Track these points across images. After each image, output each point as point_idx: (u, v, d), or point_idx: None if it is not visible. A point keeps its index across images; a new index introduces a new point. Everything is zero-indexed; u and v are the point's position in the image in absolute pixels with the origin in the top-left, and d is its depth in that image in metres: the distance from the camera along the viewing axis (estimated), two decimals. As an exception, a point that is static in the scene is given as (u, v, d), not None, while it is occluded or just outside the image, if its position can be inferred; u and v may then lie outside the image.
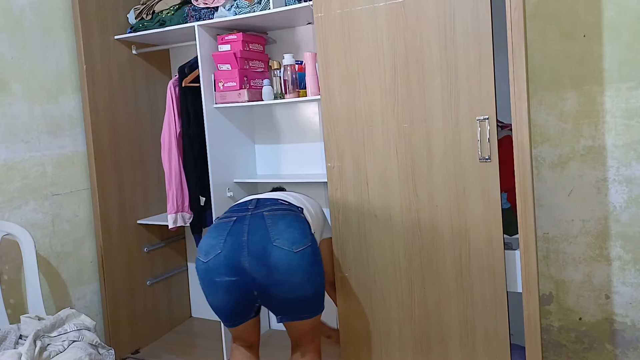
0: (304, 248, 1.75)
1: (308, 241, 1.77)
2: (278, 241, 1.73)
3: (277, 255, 1.72)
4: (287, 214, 1.83)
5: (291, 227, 1.77)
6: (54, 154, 2.52)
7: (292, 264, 1.73)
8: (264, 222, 1.77)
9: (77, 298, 2.62)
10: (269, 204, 1.88)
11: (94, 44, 2.63)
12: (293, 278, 1.74)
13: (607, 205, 2.22)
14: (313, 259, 1.78)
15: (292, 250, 1.73)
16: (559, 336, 2.36)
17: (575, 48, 2.20)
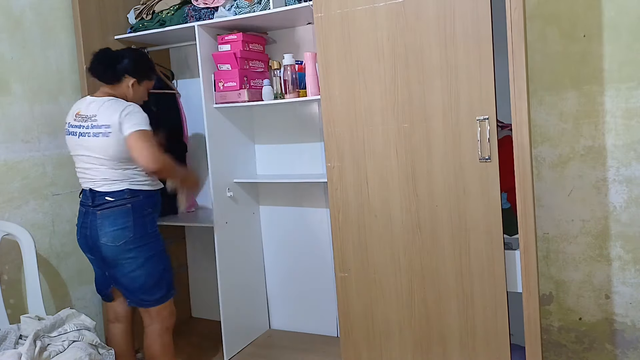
0: (125, 240, 2.07)
1: (130, 232, 2.07)
2: (104, 239, 2.07)
3: (105, 250, 2.08)
4: (112, 211, 2.08)
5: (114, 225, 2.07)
6: (54, 154, 2.52)
7: (118, 255, 2.07)
8: (96, 221, 2.09)
9: (77, 298, 2.62)
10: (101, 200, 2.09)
11: (94, 44, 2.63)
12: (123, 266, 2.09)
13: (607, 205, 2.22)
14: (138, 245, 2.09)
15: (115, 244, 2.06)
16: (559, 336, 2.36)
17: (575, 48, 2.21)
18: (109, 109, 2.05)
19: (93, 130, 2.05)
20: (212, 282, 2.94)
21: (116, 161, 2.06)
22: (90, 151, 2.07)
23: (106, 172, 2.09)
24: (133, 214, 2.08)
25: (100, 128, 2.04)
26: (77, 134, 2.09)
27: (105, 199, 2.08)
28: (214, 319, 3.08)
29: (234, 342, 2.70)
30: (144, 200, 2.13)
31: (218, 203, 2.61)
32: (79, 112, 2.12)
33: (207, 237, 3.08)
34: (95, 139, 2.05)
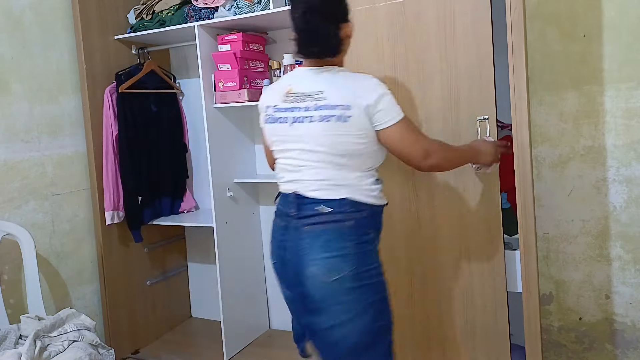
0: (341, 275, 1.45)
1: (348, 266, 1.45)
2: (312, 269, 1.46)
3: (311, 285, 1.46)
4: (325, 229, 1.48)
5: (327, 251, 1.46)
6: (54, 154, 2.52)
7: (327, 295, 1.45)
8: (300, 241, 1.50)
9: (77, 298, 2.62)
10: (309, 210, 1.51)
11: (94, 44, 2.63)
12: (331, 311, 1.46)
13: (607, 205, 2.22)
14: (357, 287, 1.46)
15: (326, 280, 1.45)
16: (559, 336, 2.36)
17: (575, 48, 2.20)
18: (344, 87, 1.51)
19: (320, 112, 1.49)
20: (212, 282, 2.94)
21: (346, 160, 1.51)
22: (309, 144, 1.52)
23: (325, 171, 1.51)
24: (356, 237, 1.49)
25: (335, 109, 1.48)
26: (289, 121, 1.55)
27: (315, 210, 1.50)
28: (214, 319, 3.07)
29: (234, 342, 2.70)
30: (367, 218, 1.53)
31: (218, 203, 2.61)
32: (289, 90, 1.58)
33: (207, 237, 3.08)
34: (325, 125, 1.49)
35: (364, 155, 1.52)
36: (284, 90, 1.60)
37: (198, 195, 3.10)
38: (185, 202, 3.01)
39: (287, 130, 1.55)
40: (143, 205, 2.78)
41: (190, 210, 3.02)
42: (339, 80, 1.53)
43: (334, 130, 1.47)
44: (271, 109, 1.62)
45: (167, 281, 3.08)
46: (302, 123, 1.52)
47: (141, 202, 2.76)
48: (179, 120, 3.01)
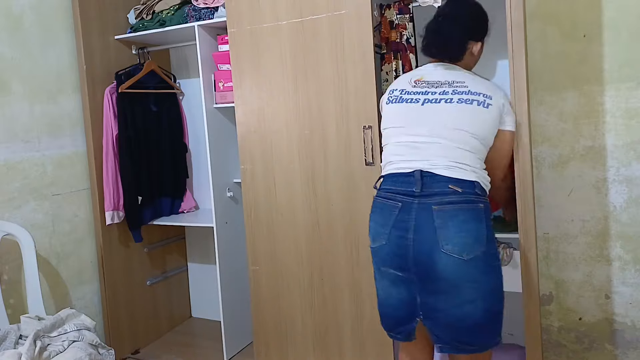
0: (475, 255, 1.47)
1: (481, 246, 1.48)
2: (447, 247, 1.46)
3: (445, 264, 1.46)
4: (460, 209, 1.49)
5: (463, 231, 1.47)
6: (54, 154, 2.52)
7: (461, 273, 1.47)
8: (432, 220, 1.48)
9: (77, 298, 2.62)
10: (438, 188, 1.50)
11: (94, 44, 2.63)
12: (462, 289, 1.48)
13: (607, 205, 2.22)
14: (488, 266, 1.50)
15: (462, 258, 1.46)
16: (559, 336, 2.36)
17: (575, 48, 2.20)
18: (483, 82, 1.61)
19: (459, 96, 1.55)
20: (212, 282, 2.94)
21: (478, 144, 1.55)
22: (443, 121, 1.54)
23: (457, 151, 1.52)
24: (486, 220, 1.51)
25: (478, 96, 1.54)
26: (421, 101, 1.58)
27: (449, 188, 1.49)
28: (214, 319, 3.08)
29: (234, 342, 2.70)
30: (489, 205, 1.57)
31: (218, 203, 2.61)
32: (419, 79, 1.64)
33: (207, 237, 3.08)
34: (464, 106, 1.54)
35: (487, 146, 1.58)
36: (413, 79, 1.65)
37: (198, 195, 3.10)
38: (185, 202, 3.01)
39: (417, 109, 1.58)
40: (143, 205, 2.78)
41: (190, 210, 3.02)
42: (475, 76, 1.63)
43: (475, 112, 1.53)
44: (397, 92, 1.65)
45: (167, 281, 3.08)
46: (438, 103, 1.56)
47: (141, 202, 2.77)
48: (179, 120, 3.01)
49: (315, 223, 2.20)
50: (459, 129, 1.53)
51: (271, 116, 2.26)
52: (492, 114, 1.55)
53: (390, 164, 1.63)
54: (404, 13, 2.15)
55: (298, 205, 2.24)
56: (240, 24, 2.29)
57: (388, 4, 2.20)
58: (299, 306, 2.28)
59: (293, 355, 2.32)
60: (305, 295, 2.27)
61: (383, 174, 1.65)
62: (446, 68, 1.65)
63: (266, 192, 2.31)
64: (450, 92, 1.56)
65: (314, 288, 2.25)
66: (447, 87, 1.58)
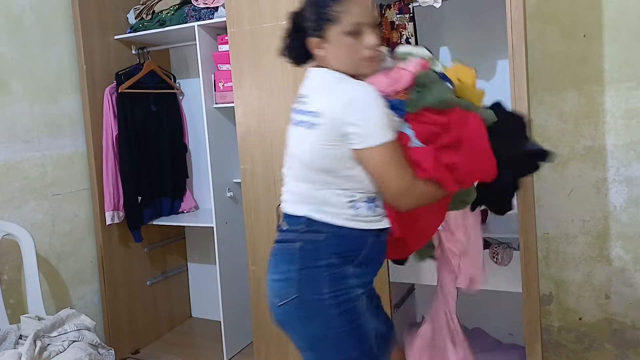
0: (287, 301, 1.32)
1: (294, 291, 1.31)
2: (269, 292, 1.39)
3: (270, 306, 1.40)
4: (278, 250, 1.39)
5: (275, 273, 1.37)
6: (54, 154, 2.52)
7: (281, 319, 1.37)
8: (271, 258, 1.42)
9: (77, 298, 2.62)
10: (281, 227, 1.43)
11: (94, 44, 2.63)
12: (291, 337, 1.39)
13: (607, 205, 2.22)
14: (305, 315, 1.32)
15: (276, 304, 1.35)
16: (559, 336, 2.36)
17: (575, 48, 2.20)
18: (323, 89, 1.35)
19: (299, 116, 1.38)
20: (212, 282, 2.94)
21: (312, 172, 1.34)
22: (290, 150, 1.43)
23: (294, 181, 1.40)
24: (301, 261, 1.32)
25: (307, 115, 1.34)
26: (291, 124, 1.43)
27: (280, 225, 1.41)
28: (214, 319, 3.07)
29: (234, 342, 2.70)
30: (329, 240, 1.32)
31: (218, 203, 2.61)
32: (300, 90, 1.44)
33: (207, 237, 3.08)
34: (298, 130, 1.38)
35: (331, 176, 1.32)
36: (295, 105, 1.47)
37: (198, 195, 3.10)
38: (185, 202, 3.01)
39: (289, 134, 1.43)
40: (143, 205, 2.78)
41: (190, 210, 3.02)
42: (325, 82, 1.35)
43: (302, 136, 1.34)
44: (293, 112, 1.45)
45: (167, 281, 3.08)
46: (294, 126, 1.40)
47: (141, 202, 2.77)
48: (179, 120, 3.01)
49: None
50: (294, 157, 1.38)
51: (271, 116, 2.26)
52: (316, 136, 1.28)
53: None
54: (404, 13, 2.15)
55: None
56: (240, 24, 2.29)
57: (388, 4, 2.19)
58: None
59: (293, 355, 2.31)
60: None
61: None
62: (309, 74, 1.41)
63: (266, 192, 2.30)
64: (297, 111, 1.38)
65: None
66: (298, 104, 1.39)
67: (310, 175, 1.33)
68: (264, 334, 2.37)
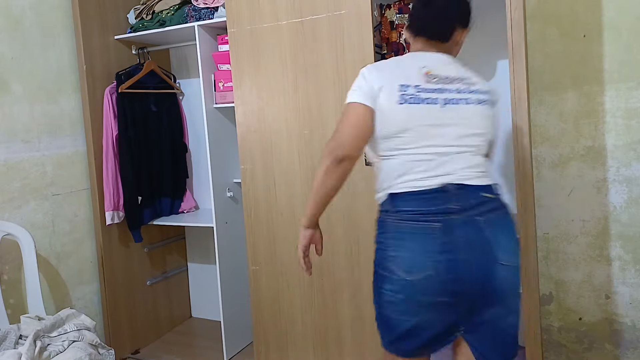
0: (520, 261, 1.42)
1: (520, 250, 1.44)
2: (504, 257, 1.34)
3: (502, 277, 1.35)
4: (500, 214, 1.40)
5: (510, 236, 1.39)
6: (54, 154, 2.52)
7: (514, 283, 1.40)
8: (482, 233, 1.34)
9: (77, 298, 2.62)
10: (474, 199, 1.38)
11: (94, 44, 2.63)
12: (509, 300, 1.39)
13: (607, 205, 2.22)
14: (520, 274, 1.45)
15: (516, 266, 1.39)
16: (559, 336, 2.36)
17: (575, 48, 2.20)
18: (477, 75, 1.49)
19: (476, 96, 1.43)
20: (212, 282, 2.95)
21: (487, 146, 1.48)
22: (464, 128, 1.41)
23: (477, 158, 1.43)
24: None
25: (486, 94, 1.45)
26: (440, 102, 1.40)
27: (485, 196, 1.39)
28: (214, 319, 3.08)
29: (234, 342, 2.70)
30: None
31: (218, 203, 2.61)
32: (428, 72, 1.42)
33: (207, 237, 3.08)
34: (480, 109, 1.43)
35: None
36: (422, 71, 1.42)
37: (198, 195, 3.11)
38: (185, 202, 3.01)
39: (437, 112, 1.39)
40: (143, 205, 2.78)
41: (190, 210, 3.02)
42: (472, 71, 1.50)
43: (487, 114, 1.45)
44: (412, 89, 1.39)
45: (167, 281, 3.08)
46: (457, 105, 1.40)
47: (141, 202, 2.77)
48: (179, 120, 3.01)
49: None
50: (477, 135, 1.42)
51: (271, 116, 2.27)
52: (495, 112, 1.49)
53: (406, 180, 1.40)
54: (403, 13, 2.15)
55: (298, 205, 2.24)
56: (240, 24, 2.29)
57: (388, 4, 2.20)
58: (299, 306, 2.28)
59: (293, 355, 2.32)
60: (305, 295, 2.27)
61: (396, 191, 1.40)
62: (449, 59, 1.48)
63: (266, 192, 2.31)
64: (466, 91, 1.42)
65: (314, 288, 2.25)
66: (460, 84, 1.42)
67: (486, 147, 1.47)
68: (264, 334, 2.37)
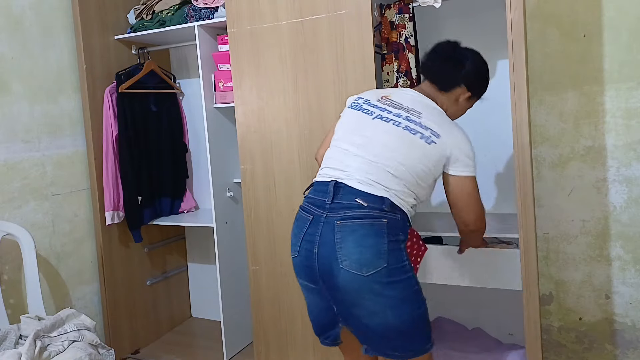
0: (377, 270, 1.46)
1: (383, 261, 1.47)
2: (345, 263, 1.47)
3: (345, 279, 1.48)
4: (360, 224, 1.49)
5: (362, 246, 1.47)
6: (54, 154, 2.52)
7: (363, 288, 1.48)
8: (333, 235, 1.50)
9: (77, 298, 2.62)
10: (345, 201, 1.53)
11: (94, 44, 2.63)
12: (366, 303, 1.49)
13: (607, 205, 2.22)
14: (391, 282, 1.48)
15: (361, 274, 1.47)
16: (559, 336, 2.36)
17: (575, 48, 2.20)
18: (440, 118, 1.61)
19: (408, 123, 1.57)
20: (212, 282, 2.94)
21: (407, 173, 1.55)
22: (380, 140, 1.57)
23: (380, 171, 1.54)
24: (389, 235, 1.50)
25: (424, 130, 1.56)
26: (376, 116, 1.60)
27: (356, 201, 1.51)
28: (214, 319, 3.08)
29: (234, 342, 2.70)
30: (400, 222, 1.54)
31: (218, 203, 2.61)
32: (387, 95, 1.66)
33: (207, 237, 3.08)
34: (406, 134, 1.56)
35: (420, 179, 1.56)
36: (381, 95, 1.67)
37: (198, 195, 3.11)
38: (185, 202, 3.01)
39: (365, 120, 1.61)
40: (143, 205, 2.78)
41: (190, 210, 3.02)
42: (442, 117, 1.62)
43: (413, 143, 1.54)
44: (361, 100, 1.68)
45: (167, 281, 3.08)
46: (386, 123, 1.58)
47: (141, 202, 2.76)
48: (179, 120, 3.01)
49: None
50: (391, 152, 1.54)
51: (271, 116, 2.27)
52: (431, 152, 1.54)
53: (320, 169, 1.67)
54: (403, 13, 2.15)
55: (298, 205, 2.20)
56: (240, 24, 2.29)
57: (388, 4, 2.20)
58: (299, 306, 2.28)
59: (293, 355, 2.32)
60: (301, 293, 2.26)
61: (314, 180, 1.67)
62: (419, 97, 1.66)
63: (266, 192, 2.31)
64: (403, 117, 1.58)
65: None
66: (403, 111, 1.59)
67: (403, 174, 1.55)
68: (264, 334, 2.37)
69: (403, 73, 2.14)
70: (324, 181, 1.59)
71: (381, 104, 1.63)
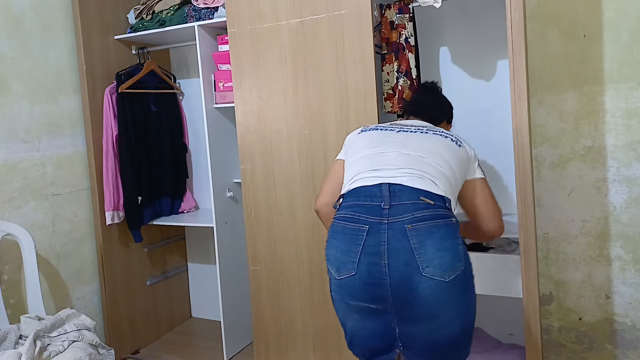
0: (456, 274, 1.34)
1: (461, 264, 1.36)
2: (428, 270, 1.32)
3: (426, 287, 1.32)
4: (435, 225, 1.36)
5: (442, 250, 1.33)
6: (54, 154, 2.52)
7: (443, 296, 1.34)
8: (407, 241, 1.33)
9: (77, 298, 2.62)
10: (408, 202, 1.38)
11: (94, 44, 2.63)
12: (443, 313, 1.35)
13: (607, 205, 2.22)
14: (466, 285, 1.39)
15: (444, 280, 1.32)
16: (559, 336, 2.36)
17: (575, 48, 2.20)
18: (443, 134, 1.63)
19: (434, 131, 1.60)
20: (212, 282, 2.94)
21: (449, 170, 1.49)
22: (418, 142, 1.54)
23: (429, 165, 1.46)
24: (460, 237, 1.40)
25: (450, 135, 1.59)
26: (399, 129, 1.59)
27: (421, 201, 1.38)
28: (214, 319, 3.08)
29: (234, 342, 2.70)
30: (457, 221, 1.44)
31: (218, 203, 2.61)
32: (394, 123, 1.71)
33: (207, 237, 3.08)
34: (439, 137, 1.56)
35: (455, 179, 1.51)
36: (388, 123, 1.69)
37: (198, 195, 3.11)
38: (185, 202, 3.01)
39: (390, 133, 1.59)
40: (143, 205, 2.78)
41: (190, 210, 3.02)
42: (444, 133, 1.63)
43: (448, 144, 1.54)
44: (372, 125, 1.69)
45: (167, 281, 3.08)
46: (413, 132, 1.58)
47: (141, 202, 2.77)
48: (179, 120, 3.01)
49: (315, 223, 2.19)
50: (434, 149, 1.51)
51: (271, 116, 2.27)
52: (462, 153, 1.56)
53: (352, 180, 1.50)
54: (403, 13, 2.15)
55: (298, 205, 2.24)
56: (240, 24, 2.29)
57: (388, 4, 2.20)
58: (299, 306, 2.28)
59: (293, 355, 2.32)
60: (305, 295, 2.27)
61: (343, 192, 1.51)
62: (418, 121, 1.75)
63: (266, 192, 2.31)
64: (426, 128, 1.61)
65: (314, 288, 2.25)
66: (421, 126, 1.64)
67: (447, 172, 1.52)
68: (264, 334, 2.37)
69: (403, 73, 2.14)
70: (368, 185, 1.42)
71: (395, 126, 1.63)
